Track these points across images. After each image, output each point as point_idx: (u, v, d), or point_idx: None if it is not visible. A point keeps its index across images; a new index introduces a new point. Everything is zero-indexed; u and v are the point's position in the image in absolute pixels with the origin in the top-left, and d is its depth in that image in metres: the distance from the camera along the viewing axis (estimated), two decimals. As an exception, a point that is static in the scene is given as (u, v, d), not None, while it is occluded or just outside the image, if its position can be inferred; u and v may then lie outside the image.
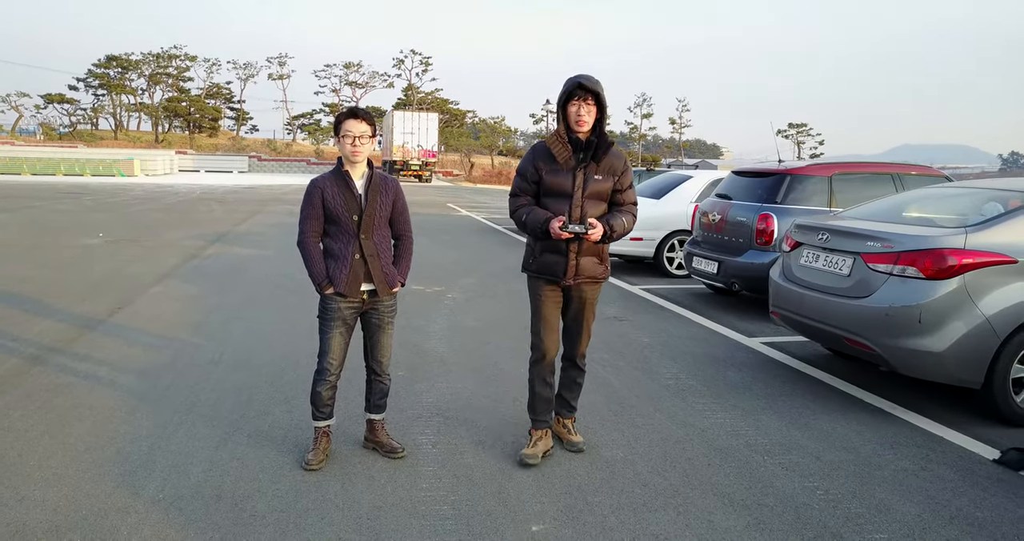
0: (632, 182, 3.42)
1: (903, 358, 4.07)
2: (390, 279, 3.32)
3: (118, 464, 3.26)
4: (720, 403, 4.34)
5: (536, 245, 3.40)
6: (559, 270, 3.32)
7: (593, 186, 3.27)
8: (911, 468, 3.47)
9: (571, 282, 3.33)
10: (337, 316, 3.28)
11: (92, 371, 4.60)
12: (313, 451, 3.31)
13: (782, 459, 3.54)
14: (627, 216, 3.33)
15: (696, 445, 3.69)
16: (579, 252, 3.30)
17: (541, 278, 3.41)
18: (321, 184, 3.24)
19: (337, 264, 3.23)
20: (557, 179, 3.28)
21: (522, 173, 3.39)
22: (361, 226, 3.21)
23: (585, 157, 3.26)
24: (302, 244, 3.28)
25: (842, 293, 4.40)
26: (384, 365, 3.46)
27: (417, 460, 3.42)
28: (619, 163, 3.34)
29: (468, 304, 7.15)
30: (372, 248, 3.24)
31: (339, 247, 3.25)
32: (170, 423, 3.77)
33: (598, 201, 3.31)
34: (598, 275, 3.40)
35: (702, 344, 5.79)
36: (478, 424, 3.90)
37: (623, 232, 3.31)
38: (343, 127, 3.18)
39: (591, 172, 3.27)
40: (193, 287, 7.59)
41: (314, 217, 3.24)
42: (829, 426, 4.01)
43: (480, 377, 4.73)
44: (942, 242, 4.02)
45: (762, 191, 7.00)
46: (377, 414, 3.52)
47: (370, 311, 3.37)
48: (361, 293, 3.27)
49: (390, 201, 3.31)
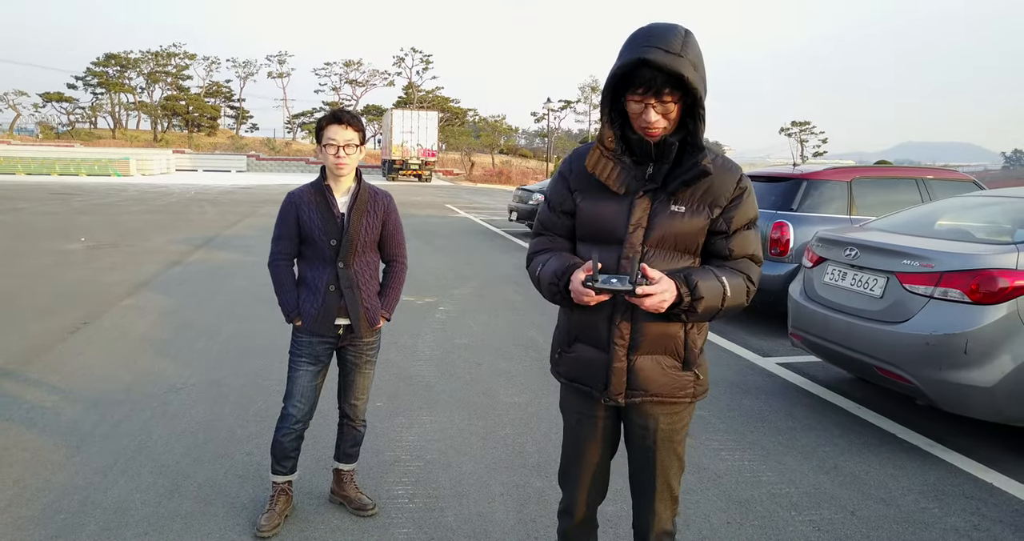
0: (755, 220, 1.87)
1: (946, 393, 3.59)
2: (371, 315, 2.83)
3: (40, 525, 2.79)
4: (737, 440, 3.87)
5: (565, 325, 1.98)
6: (598, 378, 1.89)
7: (666, 224, 1.79)
8: (962, 527, 3.00)
9: (621, 401, 1.89)
10: (307, 352, 2.81)
11: (38, 401, 4.13)
12: (267, 514, 2.81)
13: (812, 515, 3.06)
14: (733, 277, 1.79)
15: (712, 497, 3.21)
16: (634, 344, 1.83)
17: (572, 388, 2.00)
18: (297, 200, 2.76)
19: (309, 295, 2.77)
20: (601, 210, 1.85)
21: (550, 199, 1.98)
22: (340, 252, 2.73)
23: (656, 173, 1.81)
24: (271, 267, 2.85)
25: (874, 317, 3.92)
26: (358, 409, 2.96)
27: (390, 518, 2.95)
28: (726, 184, 1.81)
29: (461, 318, 6.68)
30: (351, 278, 2.76)
31: (313, 275, 2.78)
32: (112, 469, 3.30)
33: (675, 252, 1.82)
34: (677, 392, 1.89)
35: (713, 365, 5.30)
36: (462, 469, 3.43)
37: (720, 304, 1.75)
38: (325, 134, 2.67)
39: (665, 199, 1.81)
40: (168, 299, 7.12)
41: (287, 237, 2.79)
42: (861, 469, 3.54)
43: (469, 409, 4.25)
44: (990, 261, 3.55)
45: (776, 197, 6.51)
46: (347, 464, 3.04)
47: (347, 347, 2.88)
48: (337, 328, 2.81)
49: (378, 222, 2.81)
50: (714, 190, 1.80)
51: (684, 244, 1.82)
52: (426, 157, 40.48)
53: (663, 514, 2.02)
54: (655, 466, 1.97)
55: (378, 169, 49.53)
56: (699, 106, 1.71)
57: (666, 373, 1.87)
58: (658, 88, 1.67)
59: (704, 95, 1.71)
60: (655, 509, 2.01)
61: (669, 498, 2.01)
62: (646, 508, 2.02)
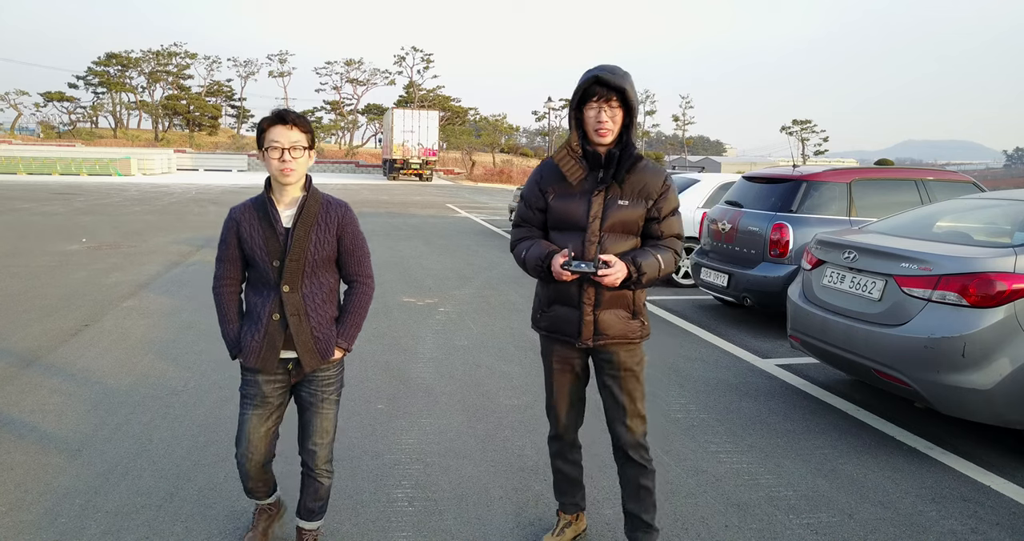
0: (676, 208, 2.52)
1: (943, 396, 3.60)
2: (323, 346, 2.42)
3: (41, 529, 2.81)
4: (735, 443, 3.88)
5: (543, 292, 2.58)
6: (572, 328, 2.49)
7: (616, 214, 2.42)
8: (959, 530, 3.01)
9: (590, 344, 2.49)
10: (253, 393, 2.45)
11: (39, 404, 4.15)
12: (251, 534, 2.70)
13: (810, 519, 3.07)
14: (664, 253, 2.43)
15: (711, 499, 3.23)
16: (598, 303, 2.45)
17: (552, 338, 2.60)
18: (238, 216, 2.40)
19: (250, 326, 2.41)
20: (568, 206, 2.46)
21: (525, 198, 2.59)
22: (284, 275, 2.34)
23: (605, 176, 2.43)
24: (213, 292, 2.51)
25: (872, 320, 3.93)
26: (319, 457, 2.52)
27: (390, 521, 2.96)
28: (655, 182, 2.46)
29: (461, 319, 6.69)
30: (298, 304, 2.37)
31: (256, 302, 2.42)
32: (114, 472, 3.32)
33: (624, 234, 2.45)
34: (630, 335, 2.50)
35: (713, 367, 5.32)
36: (462, 473, 3.44)
37: (657, 274, 2.40)
38: (268, 136, 2.31)
39: (614, 196, 2.43)
40: (170, 300, 7.13)
41: (229, 259, 2.44)
42: (859, 472, 3.55)
43: (469, 411, 4.27)
44: (988, 265, 3.55)
45: (776, 198, 6.52)
46: (309, 522, 2.63)
47: (301, 384, 2.51)
48: (285, 362, 2.44)
49: (331, 237, 2.40)
50: (647, 188, 2.46)
51: (629, 228, 2.47)
52: (427, 156, 40.48)
53: (637, 429, 2.57)
54: (623, 390, 2.55)
55: (379, 169, 49.56)
56: (633, 117, 2.43)
57: (621, 321, 2.50)
58: (607, 97, 2.37)
59: (636, 111, 2.42)
60: (629, 426, 2.56)
61: (639, 416, 2.57)
62: (623, 427, 2.56)
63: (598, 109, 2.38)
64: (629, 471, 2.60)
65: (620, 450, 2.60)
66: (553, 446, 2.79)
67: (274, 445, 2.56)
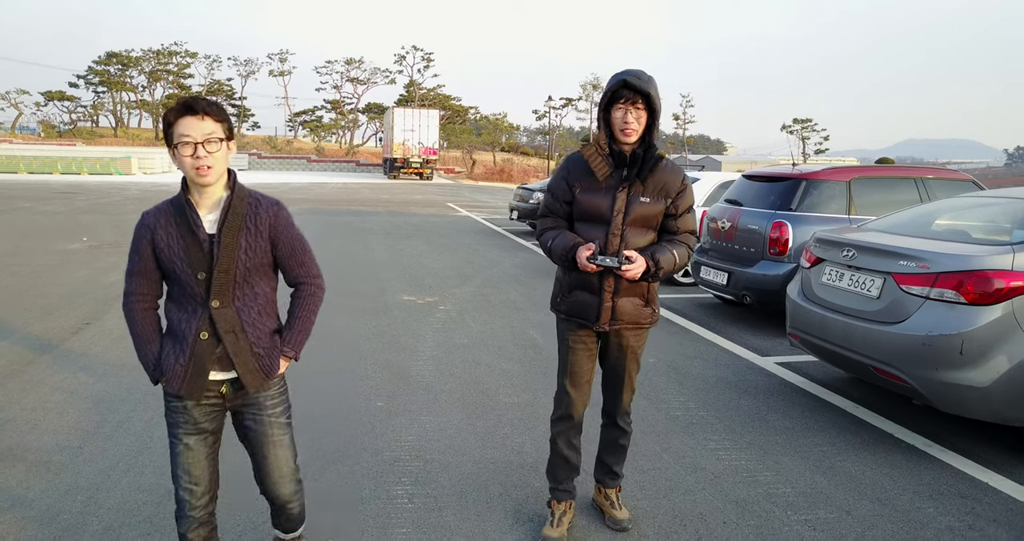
0: (692, 205, 2.74)
1: (941, 393, 3.61)
2: (266, 362, 2.13)
3: (43, 526, 2.82)
4: (734, 440, 3.89)
5: (565, 279, 2.78)
6: (591, 313, 2.70)
7: (638, 210, 2.62)
8: (957, 526, 3.02)
9: (606, 328, 2.72)
10: (182, 420, 2.13)
11: (41, 402, 4.17)
12: None
13: (808, 515, 3.09)
14: (679, 248, 2.66)
15: (709, 496, 3.24)
16: (616, 291, 2.67)
17: (571, 321, 2.79)
18: (152, 222, 2.06)
19: (173, 347, 2.09)
20: (593, 200, 2.65)
21: (553, 191, 2.78)
22: (212, 288, 2.04)
23: (629, 174, 2.62)
24: (124, 310, 2.17)
25: (871, 317, 3.94)
26: (285, 492, 2.30)
27: (390, 518, 2.98)
28: (675, 181, 2.67)
29: (461, 317, 6.70)
30: (232, 320, 2.07)
31: (180, 318, 2.09)
32: (115, 469, 3.33)
33: (644, 229, 2.67)
34: (642, 320, 2.76)
35: (712, 365, 5.34)
36: (462, 469, 3.45)
37: (673, 269, 2.64)
38: (176, 130, 1.96)
39: (636, 192, 2.63)
40: (170, 299, 7.14)
41: (140, 273, 2.11)
42: (857, 469, 3.56)
43: (468, 408, 4.28)
44: (986, 262, 3.56)
45: (775, 197, 6.53)
46: (287, 533, 2.49)
47: (243, 411, 2.20)
48: (217, 385, 2.12)
49: (264, 242, 2.10)
50: (668, 186, 2.67)
51: (649, 223, 2.68)
52: (427, 155, 40.54)
53: (626, 398, 2.90)
54: (625, 369, 2.84)
55: (380, 168, 49.53)
56: (656, 120, 2.61)
57: (635, 308, 2.74)
58: (633, 100, 2.56)
59: (659, 113, 2.61)
60: (622, 397, 2.89)
61: (630, 389, 2.90)
62: (617, 399, 2.90)
63: (624, 111, 2.57)
64: (613, 432, 2.97)
65: (609, 415, 2.95)
66: (558, 427, 2.91)
67: (217, 480, 2.26)
